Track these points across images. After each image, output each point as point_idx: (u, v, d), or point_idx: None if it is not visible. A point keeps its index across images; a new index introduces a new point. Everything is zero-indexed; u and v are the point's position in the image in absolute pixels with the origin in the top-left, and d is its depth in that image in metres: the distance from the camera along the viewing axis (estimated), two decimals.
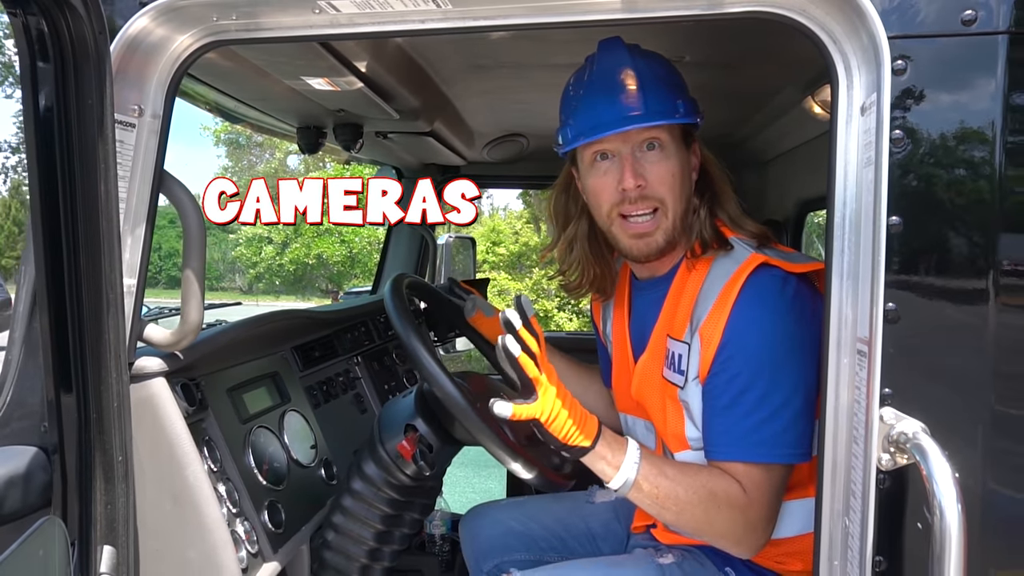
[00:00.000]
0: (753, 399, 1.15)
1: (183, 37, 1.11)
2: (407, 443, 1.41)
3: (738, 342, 1.17)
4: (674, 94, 1.29)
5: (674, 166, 1.28)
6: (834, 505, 0.93)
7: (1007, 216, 0.82)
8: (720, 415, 1.19)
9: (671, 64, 1.34)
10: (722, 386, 1.19)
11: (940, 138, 0.83)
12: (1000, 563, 0.84)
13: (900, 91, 0.83)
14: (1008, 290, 0.82)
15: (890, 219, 0.83)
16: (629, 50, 1.29)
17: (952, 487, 0.76)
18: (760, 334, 1.17)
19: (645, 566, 1.32)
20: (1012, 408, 0.83)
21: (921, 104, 0.83)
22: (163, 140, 1.16)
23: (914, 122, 0.83)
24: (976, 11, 0.81)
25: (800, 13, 0.91)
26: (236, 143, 24.36)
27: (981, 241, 0.83)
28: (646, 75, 1.27)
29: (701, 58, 1.69)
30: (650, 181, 1.27)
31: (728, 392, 1.18)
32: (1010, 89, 0.81)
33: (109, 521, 1.08)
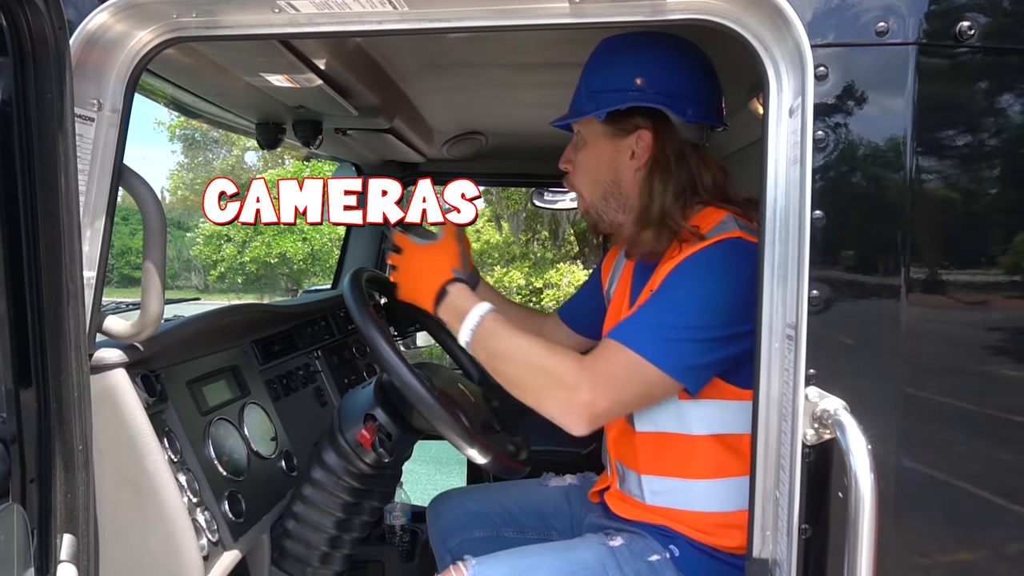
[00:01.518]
0: (667, 313, 1.22)
1: (142, 33, 1.13)
2: (366, 432, 1.45)
3: (678, 271, 1.27)
4: (597, 90, 1.38)
5: (588, 158, 1.44)
6: (766, 481, 1.00)
7: (916, 211, 0.90)
8: (637, 312, 1.29)
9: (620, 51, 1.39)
10: (651, 299, 1.28)
11: (857, 138, 0.90)
12: (910, 523, 0.92)
13: (822, 95, 0.90)
14: (917, 279, 0.90)
15: (814, 213, 0.90)
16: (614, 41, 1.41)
17: (866, 457, 0.83)
18: (700, 282, 1.24)
19: (596, 548, 1.39)
20: (920, 386, 0.91)
21: (841, 107, 0.91)
22: (122, 134, 1.17)
23: (834, 123, 0.90)
24: (888, 23, 0.89)
25: (735, 21, 0.98)
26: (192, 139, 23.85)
27: (894, 234, 0.90)
28: (585, 72, 1.41)
29: None
30: (574, 166, 1.47)
31: (652, 301, 1.27)
32: (918, 94, 0.89)
33: (69, 510, 1.09)
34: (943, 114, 0.91)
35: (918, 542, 0.95)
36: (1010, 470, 0.94)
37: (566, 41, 1.63)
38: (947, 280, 0.93)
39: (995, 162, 0.92)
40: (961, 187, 0.92)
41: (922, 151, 0.89)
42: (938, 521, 0.93)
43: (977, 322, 0.95)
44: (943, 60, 0.90)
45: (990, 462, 0.94)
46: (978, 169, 0.92)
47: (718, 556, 1.33)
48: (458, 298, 1.34)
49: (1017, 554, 0.93)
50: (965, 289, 0.93)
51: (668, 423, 1.35)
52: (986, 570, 0.95)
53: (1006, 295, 0.95)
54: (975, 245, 0.93)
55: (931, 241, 0.91)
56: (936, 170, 0.91)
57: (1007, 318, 0.95)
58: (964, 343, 0.94)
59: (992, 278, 0.94)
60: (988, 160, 0.92)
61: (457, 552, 1.64)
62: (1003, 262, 0.93)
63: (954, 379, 0.93)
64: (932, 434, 0.92)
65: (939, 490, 0.93)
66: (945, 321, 0.93)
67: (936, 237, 0.92)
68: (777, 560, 0.97)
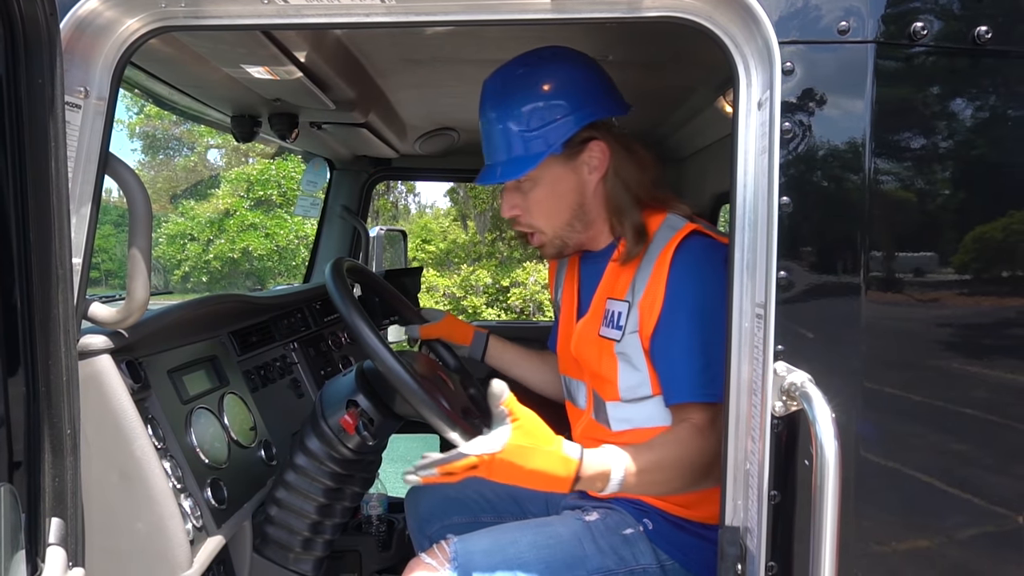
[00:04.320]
0: (697, 346, 1.27)
1: (131, 21, 1.14)
2: (349, 417, 1.48)
3: (679, 298, 1.31)
4: (536, 127, 1.37)
5: (544, 194, 1.42)
6: (738, 452, 1.05)
7: (875, 197, 0.96)
8: (672, 364, 1.31)
9: (526, 84, 1.40)
10: (668, 338, 1.31)
11: (821, 130, 0.97)
12: (871, 486, 0.99)
13: (788, 89, 0.97)
14: (876, 260, 0.97)
15: (781, 200, 0.97)
16: (502, 83, 1.41)
17: (831, 426, 0.89)
18: (695, 290, 1.30)
19: (572, 523, 1.44)
20: (881, 358, 0.98)
21: (806, 100, 0.97)
22: (109, 122, 1.19)
23: (800, 116, 0.97)
24: (849, 23, 0.96)
25: (706, 19, 1.03)
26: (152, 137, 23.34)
27: (854, 218, 0.97)
28: (507, 119, 1.39)
29: (624, 58, 1.82)
30: (523, 210, 1.45)
31: (675, 343, 1.30)
32: (877, 89, 0.96)
33: (57, 493, 1.10)
34: (900, 108, 0.98)
35: (880, 504, 1.02)
36: (964, 435, 1.01)
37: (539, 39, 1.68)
38: (904, 261, 1.00)
39: (946, 153, 0.99)
40: (916, 177, 0.99)
41: (880, 142, 0.96)
42: (899, 484, 1.00)
43: (932, 299, 1.02)
44: (899, 58, 0.96)
45: (947, 427, 1.01)
46: (932, 160, 0.99)
47: (688, 527, 1.39)
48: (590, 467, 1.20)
49: (969, 510, 1.01)
50: (921, 269, 1.00)
51: (647, 419, 1.39)
52: (943, 528, 1.02)
53: (958, 274, 1.02)
54: (929, 229, 1.01)
55: (889, 225, 0.98)
56: (893, 160, 0.98)
57: (959, 295, 1.02)
58: (920, 318, 1.01)
59: (945, 257, 1.01)
60: (940, 151, 0.99)
61: (436, 537, 1.66)
62: (954, 244, 1.01)
63: (912, 351, 1.00)
64: (893, 403, 0.99)
65: (900, 455, 1.00)
66: (902, 298, 1.00)
67: (893, 222, 0.99)
68: (748, 527, 1.03)
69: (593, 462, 1.19)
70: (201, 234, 18.52)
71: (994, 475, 1.01)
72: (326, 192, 3.09)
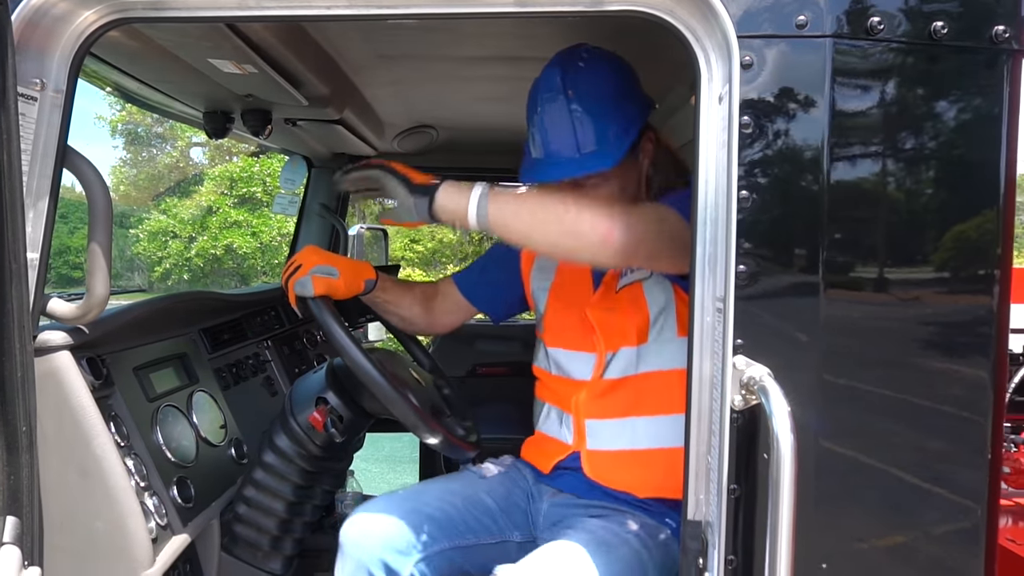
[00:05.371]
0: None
1: (87, 13, 1.12)
2: (318, 414, 1.47)
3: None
4: (605, 130, 1.41)
5: (612, 187, 1.44)
6: (699, 446, 1.05)
7: (832, 190, 0.97)
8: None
9: (609, 83, 1.45)
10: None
11: (779, 123, 0.97)
12: (831, 480, 0.99)
13: (747, 83, 0.97)
14: (834, 255, 0.98)
15: (740, 193, 0.97)
16: (564, 85, 1.41)
17: (787, 420, 0.89)
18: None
19: (467, 478, 1.52)
20: (839, 352, 0.98)
21: (764, 94, 0.97)
22: (67, 115, 1.17)
23: (758, 110, 0.97)
24: (807, 17, 0.96)
25: (668, 13, 1.03)
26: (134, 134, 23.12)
27: (813, 213, 0.97)
28: (593, 109, 1.40)
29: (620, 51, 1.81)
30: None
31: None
32: (834, 83, 0.96)
33: (12, 491, 1.08)
34: (858, 102, 0.98)
35: (841, 497, 1.02)
36: (921, 427, 1.02)
37: (517, 35, 1.68)
38: (862, 256, 1.00)
39: (903, 148, 1.00)
40: (873, 172, 0.99)
41: (837, 136, 0.97)
42: (859, 476, 1.00)
43: (890, 294, 1.02)
44: (856, 52, 0.97)
45: (904, 420, 1.02)
46: (889, 155, 0.99)
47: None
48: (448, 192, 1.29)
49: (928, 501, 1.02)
50: (878, 264, 1.01)
51: (670, 361, 1.43)
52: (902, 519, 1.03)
53: (915, 269, 1.03)
54: (886, 224, 1.01)
55: (847, 220, 0.98)
56: (851, 155, 0.98)
57: (916, 289, 1.03)
58: (878, 313, 1.02)
59: (902, 252, 1.02)
60: (897, 146, 0.99)
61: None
62: (911, 240, 1.01)
63: (869, 345, 1.00)
64: (851, 396, 1.00)
65: (859, 448, 1.00)
66: (860, 293, 1.01)
67: (851, 216, 0.99)
68: (709, 521, 1.03)
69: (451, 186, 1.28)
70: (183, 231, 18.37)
71: (951, 467, 1.02)
72: (304, 190, 3.07)
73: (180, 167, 22.04)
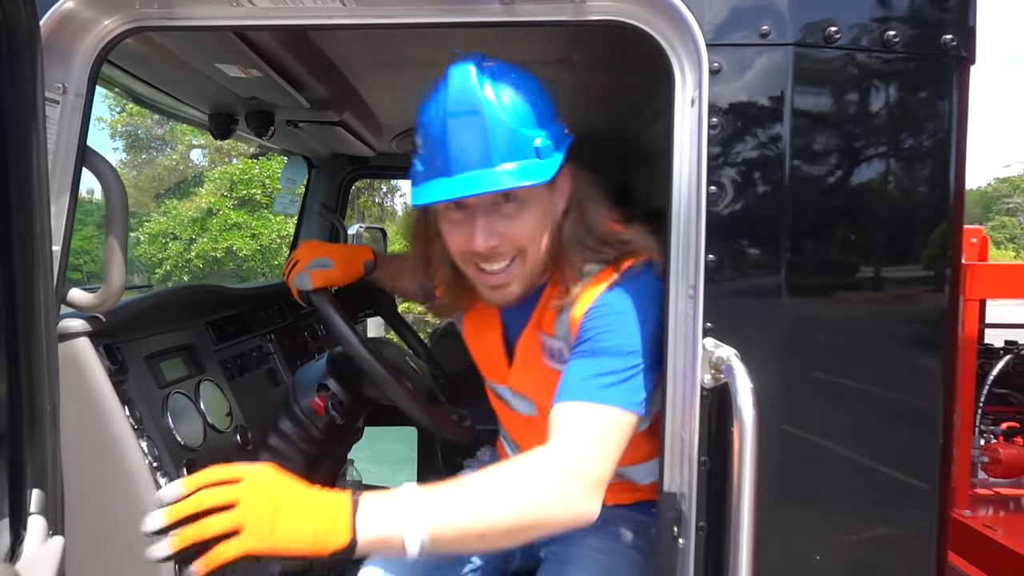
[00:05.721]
0: (604, 363, 1.15)
1: (107, 21, 1.21)
2: (320, 400, 1.55)
3: (594, 316, 1.20)
4: (531, 140, 1.17)
5: (534, 215, 1.21)
6: (674, 422, 1.14)
7: (794, 187, 1.06)
8: (571, 370, 1.18)
9: (529, 87, 1.22)
10: (579, 352, 1.19)
11: (744, 124, 1.06)
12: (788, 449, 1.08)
13: (716, 87, 1.06)
14: (795, 246, 1.06)
15: (709, 188, 1.05)
16: (479, 87, 1.17)
17: (750, 397, 0.98)
18: (612, 309, 1.19)
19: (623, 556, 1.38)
20: (800, 335, 1.07)
21: (731, 98, 1.06)
22: (86, 117, 1.25)
23: (726, 112, 1.06)
24: (770, 26, 1.05)
25: (644, 23, 1.12)
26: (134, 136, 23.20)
27: (775, 206, 1.06)
28: (498, 121, 1.16)
29: (587, 60, 1.90)
30: (505, 238, 1.21)
31: (582, 355, 1.18)
32: (795, 87, 1.05)
33: (38, 466, 1.17)
34: (817, 105, 1.07)
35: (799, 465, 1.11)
36: (875, 409, 1.11)
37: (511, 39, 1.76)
38: (822, 247, 1.09)
39: (859, 146, 1.09)
40: (830, 166, 1.08)
41: (798, 137, 1.05)
42: (817, 447, 1.09)
43: (847, 284, 1.11)
44: (816, 59, 1.06)
45: (859, 403, 1.10)
46: (846, 152, 1.08)
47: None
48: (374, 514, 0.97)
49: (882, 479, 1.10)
50: (838, 255, 1.10)
51: None
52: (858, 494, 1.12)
53: (872, 262, 1.11)
54: (845, 217, 1.10)
55: (807, 211, 1.07)
56: (811, 154, 1.07)
57: (872, 281, 1.11)
58: (836, 301, 1.11)
59: (860, 244, 1.10)
60: (853, 144, 1.08)
61: None
62: (866, 233, 1.10)
63: (828, 328, 1.09)
64: (811, 378, 1.09)
65: (819, 426, 1.09)
66: (820, 282, 1.10)
67: (811, 210, 1.08)
68: (683, 492, 1.12)
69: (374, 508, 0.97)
70: (183, 233, 18.44)
71: (904, 448, 1.11)
72: (305, 190, 3.15)
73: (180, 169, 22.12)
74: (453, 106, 1.18)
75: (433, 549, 0.97)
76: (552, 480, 1.05)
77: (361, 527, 0.95)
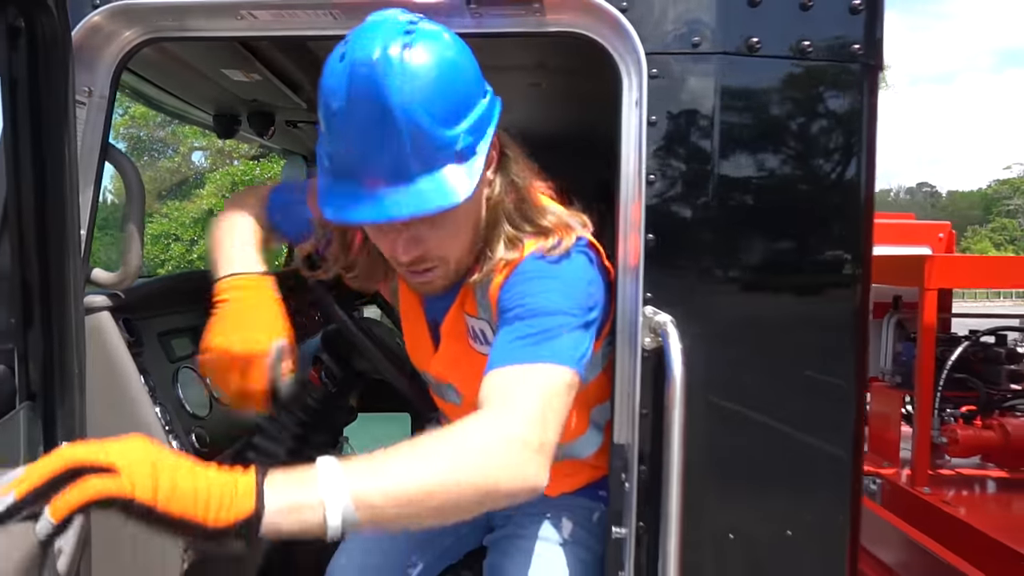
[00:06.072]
0: (531, 324, 1.08)
1: (128, 33, 1.38)
2: (314, 372, 1.72)
3: (513, 284, 1.15)
4: (453, 142, 1.03)
5: (457, 220, 1.10)
6: (623, 379, 1.30)
7: (720, 177, 1.23)
8: (498, 340, 1.10)
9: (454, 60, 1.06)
10: (504, 321, 1.12)
11: (679, 122, 1.22)
12: (718, 405, 1.25)
13: (655, 91, 1.22)
14: (722, 226, 1.23)
15: (648, 177, 1.22)
16: (393, 71, 0.98)
17: (679, 356, 1.15)
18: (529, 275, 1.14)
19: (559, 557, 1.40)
20: (727, 303, 1.24)
21: (667, 100, 1.23)
22: (108, 117, 1.42)
23: (663, 111, 1.23)
24: (701, 37, 1.22)
25: (596, 34, 1.29)
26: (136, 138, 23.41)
27: (704, 194, 1.23)
28: (414, 125, 0.99)
29: (562, 65, 2.07)
30: (429, 249, 1.13)
31: (507, 323, 1.11)
32: (722, 91, 1.22)
33: (67, 423, 1.33)
34: (741, 107, 1.24)
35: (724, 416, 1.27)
36: (795, 362, 1.28)
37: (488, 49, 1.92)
38: (746, 227, 1.26)
39: (777, 144, 1.26)
40: (753, 159, 1.25)
41: (724, 133, 1.22)
42: (738, 401, 1.26)
43: (767, 264, 1.28)
44: (740, 66, 1.22)
45: (780, 355, 1.27)
46: (766, 149, 1.25)
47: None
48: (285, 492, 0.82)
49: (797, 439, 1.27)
50: (759, 237, 1.27)
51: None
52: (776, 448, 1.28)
53: (789, 246, 1.29)
54: (765, 206, 1.27)
55: (733, 198, 1.24)
56: (734, 149, 1.24)
57: (789, 264, 1.28)
58: (758, 277, 1.27)
59: (779, 230, 1.27)
60: (773, 142, 1.25)
61: None
62: (786, 220, 1.27)
63: (750, 298, 1.26)
64: (735, 337, 1.26)
65: (741, 384, 1.26)
66: (743, 262, 1.27)
67: (736, 195, 1.25)
68: (629, 443, 1.28)
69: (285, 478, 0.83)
70: (185, 234, 18.66)
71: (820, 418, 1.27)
72: None
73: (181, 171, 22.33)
74: (359, 92, 0.98)
75: (362, 520, 0.81)
76: (493, 445, 0.92)
77: (269, 492, 0.79)
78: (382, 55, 0.99)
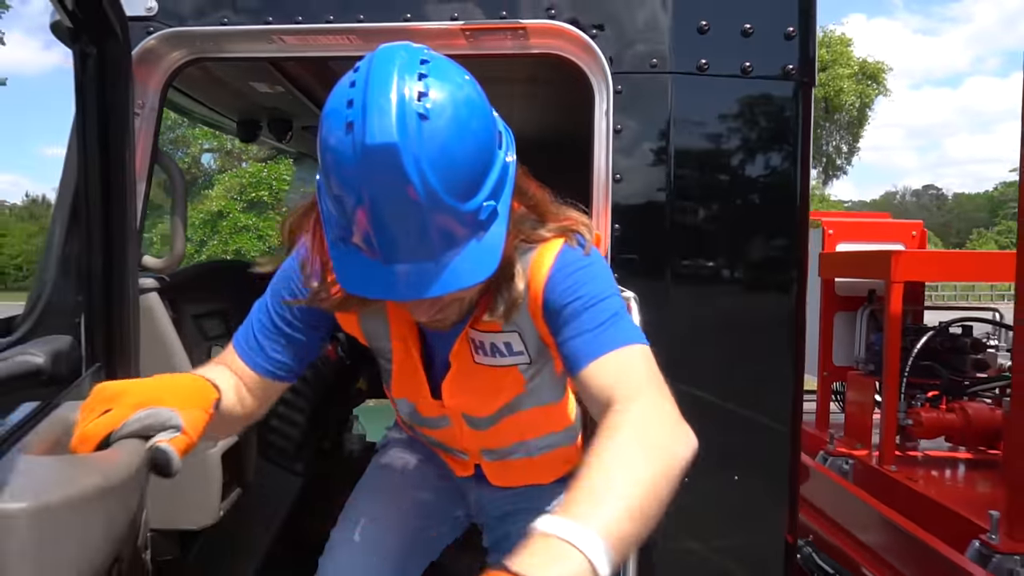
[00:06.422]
0: (598, 311, 1.08)
1: (175, 54, 1.62)
2: (331, 348, 1.96)
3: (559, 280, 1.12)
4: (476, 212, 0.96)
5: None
6: None
7: (675, 178, 1.46)
8: (575, 332, 1.09)
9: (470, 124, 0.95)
10: (569, 315, 1.10)
11: (639, 130, 1.46)
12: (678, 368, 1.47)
13: (619, 104, 1.46)
14: (678, 220, 1.46)
15: (615, 175, 1.46)
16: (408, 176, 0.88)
17: None
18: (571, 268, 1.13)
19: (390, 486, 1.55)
20: (683, 284, 1.47)
21: (629, 112, 1.46)
22: (157, 126, 1.67)
23: (627, 122, 1.46)
24: (657, 60, 1.45)
25: (571, 55, 1.52)
26: None
27: (660, 192, 1.46)
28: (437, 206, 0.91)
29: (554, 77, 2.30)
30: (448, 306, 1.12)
31: (574, 315, 1.09)
32: (675, 105, 1.45)
33: None
34: (693, 121, 1.47)
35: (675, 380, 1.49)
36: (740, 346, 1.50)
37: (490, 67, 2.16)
38: (697, 222, 1.49)
39: (724, 152, 1.49)
40: (702, 168, 1.48)
41: (678, 142, 1.46)
42: (693, 366, 1.49)
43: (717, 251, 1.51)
44: (691, 84, 1.46)
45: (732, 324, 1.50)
46: (714, 157, 1.48)
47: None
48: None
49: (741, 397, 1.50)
50: (709, 228, 1.50)
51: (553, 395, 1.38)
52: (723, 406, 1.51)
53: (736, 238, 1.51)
54: (714, 203, 1.50)
55: (686, 196, 1.47)
56: (687, 156, 1.47)
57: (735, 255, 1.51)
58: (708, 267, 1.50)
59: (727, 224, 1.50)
60: (720, 151, 1.48)
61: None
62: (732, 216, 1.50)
63: (705, 280, 1.49)
64: (692, 313, 1.48)
65: (694, 346, 1.49)
66: (696, 250, 1.49)
67: (688, 197, 1.48)
68: None
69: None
70: (194, 235, 18.94)
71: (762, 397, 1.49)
72: None
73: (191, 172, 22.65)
74: (374, 174, 0.90)
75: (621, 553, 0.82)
76: (666, 431, 0.96)
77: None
78: (400, 136, 0.88)
